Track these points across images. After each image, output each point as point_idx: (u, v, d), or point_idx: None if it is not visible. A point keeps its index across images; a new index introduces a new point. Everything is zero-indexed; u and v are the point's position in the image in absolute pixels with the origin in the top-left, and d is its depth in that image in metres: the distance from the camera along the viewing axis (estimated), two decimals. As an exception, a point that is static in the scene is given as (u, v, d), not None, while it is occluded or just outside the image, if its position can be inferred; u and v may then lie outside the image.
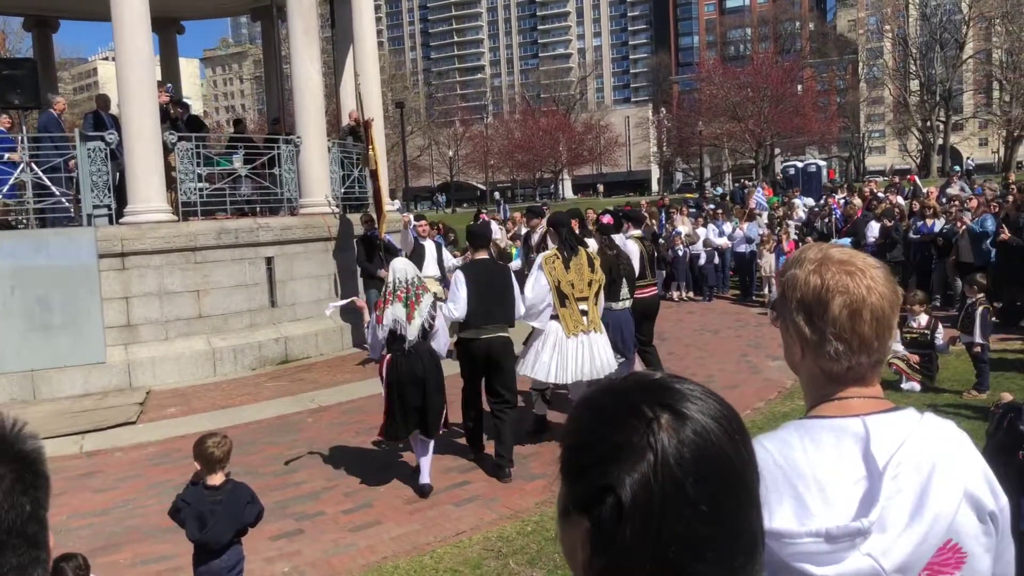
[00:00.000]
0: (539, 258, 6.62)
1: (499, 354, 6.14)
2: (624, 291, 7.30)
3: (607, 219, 7.85)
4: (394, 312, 5.54)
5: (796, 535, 1.18)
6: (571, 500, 0.84)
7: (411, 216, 10.30)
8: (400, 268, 5.70)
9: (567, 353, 6.36)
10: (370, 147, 11.21)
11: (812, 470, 1.23)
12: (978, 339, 7.52)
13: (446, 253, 10.31)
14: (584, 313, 6.46)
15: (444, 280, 9.74)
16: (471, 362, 6.22)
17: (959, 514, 1.21)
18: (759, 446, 1.29)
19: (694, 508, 0.78)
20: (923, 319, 8.02)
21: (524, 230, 12.60)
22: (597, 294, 6.61)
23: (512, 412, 6.25)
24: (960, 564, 1.23)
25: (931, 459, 1.21)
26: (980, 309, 7.57)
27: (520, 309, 6.31)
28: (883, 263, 1.34)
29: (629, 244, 7.93)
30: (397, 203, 10.98)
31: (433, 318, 5.72)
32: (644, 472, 0.78)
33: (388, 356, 5.66)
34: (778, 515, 1.21)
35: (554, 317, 6.47)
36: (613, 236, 7.70)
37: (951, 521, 1.20)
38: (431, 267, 9.88)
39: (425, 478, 5.81)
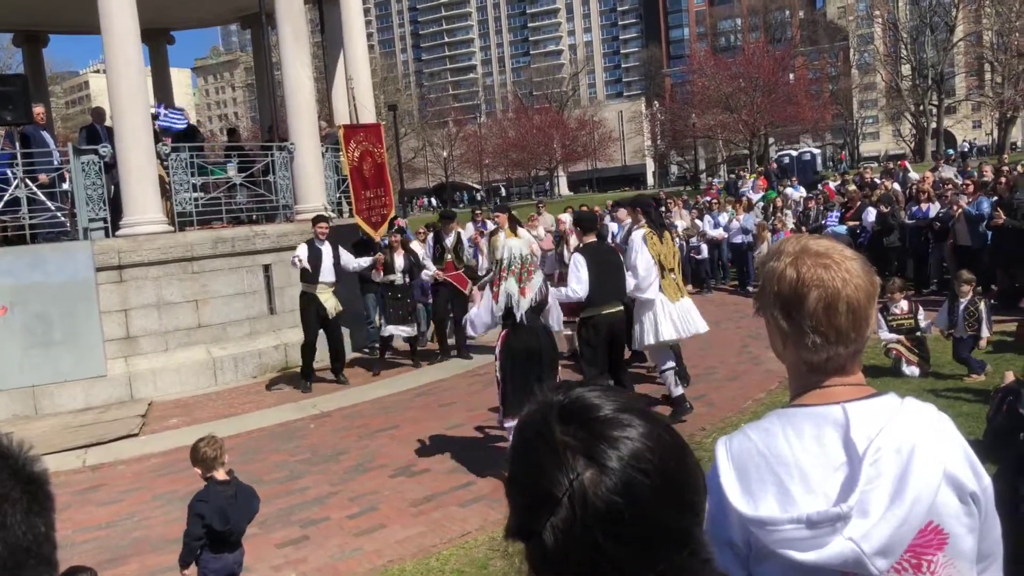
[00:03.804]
0: (638, 236, 7.04)
1: (620, 329, 6.71)
2: None
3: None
4: (507, 287, 5.84)
5: (779, 522, 1.21)
6: (508, 528, 0.90)
7: (297, 257, 9.16)
8: (515, 246, 6.03)
9: (680, 315, 7.01)
10: (343, 152, 11.30)
11: (794, 458, 1.25)
12: (985, 332, 7.60)
13: (343, 255, 9.39)
14: (676, 281, 7.21)
15: (337, 283, 9.35)
16: (596, 338, 6.51)
17: (939, 496, 1.22)
18: (744, 436, 1.32)
19: (606, 555, 0.83)
20: (904, 305, 8.12)
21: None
22: (679, 264, 7.43)
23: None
24: (942, 545, 1.25)
25: (911, 442, 1.23)
26: (982, 303, 7.63)
27: (630, 284, 6.80)
28: (860, 254, 1.35)
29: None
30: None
31: (545, 295, 6.01)
32: (564, 524, 0.83)
33: (504, 331, 5.90)
34: (762, 503, 1.24)
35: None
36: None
37: (931, 503, 1.21)
38: (327, 273, 9.15)
39: None
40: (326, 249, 9.20)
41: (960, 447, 1.29)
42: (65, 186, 10.25)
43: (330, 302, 9.22)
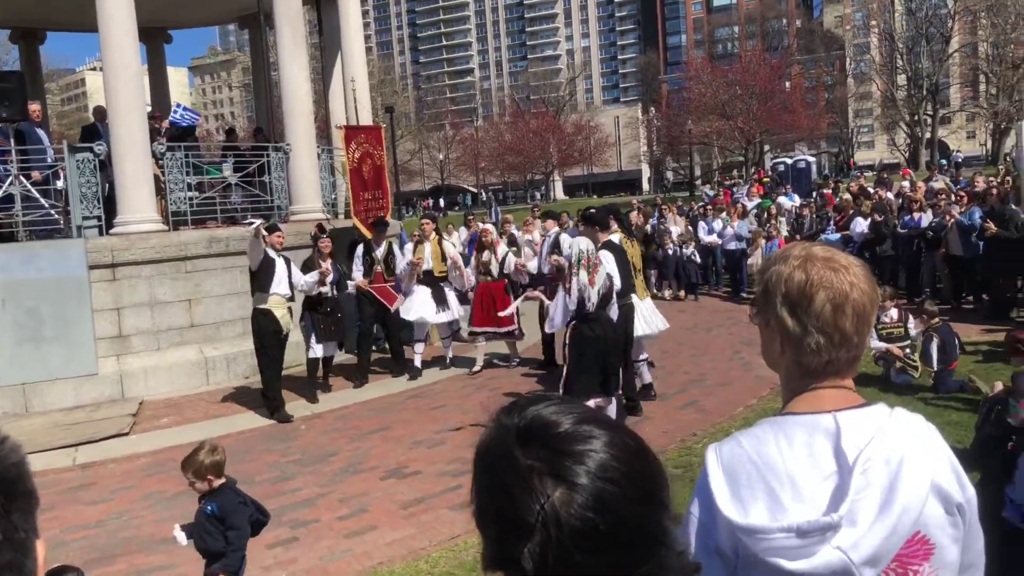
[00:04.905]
0: (617, 240, 7.60)
1: (633, 317, 7.36)
2: None
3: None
4: (579, 280, 6.31)
5: (768, 530, 1.21)
6: (485, 559, 0.89)
7: (260, 222, 8.24)
8: (581, 242, 6.51)
9: (647, 312, 7.77)
10: (343, 153, 11.31)
11: (785, 466, 1.26)
12: (934, 367, 7.57)
13: (295, 271, 8.37)
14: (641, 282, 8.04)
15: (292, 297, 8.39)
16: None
17: (927, 506, 1.23)
18: (735, 442, 1.32)
19: (586, 569, 0.83)
20: (894, 313, 8.13)
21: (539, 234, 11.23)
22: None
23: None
24: (928, 555, 1.25)
25: (900, 453, 1.23)
26: (935, 342, 7.54)
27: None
28: (863, 261, 1.37)
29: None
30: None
31: (609, 288, 6.48)
32: (541, 547, 0.82)
33: (573, 323, 6.40)
34: (752, 511, 1.24)
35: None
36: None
37: (919, 513, 1.22)
38: (282, 285, 8.16)
39: None
40: (280, 261, 8.22)
41: (947, 458, 1.30)
42: (60, 183, 10.24)
43: (284, 319, 8.17)
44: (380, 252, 9.71)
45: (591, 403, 6.35)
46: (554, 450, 0.85)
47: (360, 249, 9.73)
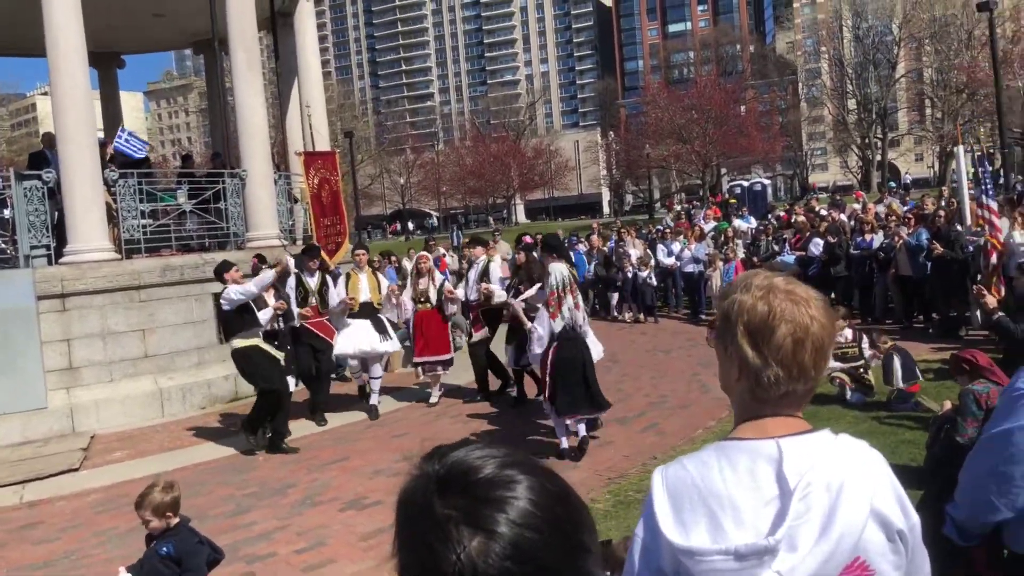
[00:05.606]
0: (564, 267, 7.62)
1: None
2: None
3: (528, 239, 9.09)
4: (568, 304, 6.81)
5: (707, 553, 1.23)
6: None
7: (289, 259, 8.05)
8: (560, 269, 6.89)
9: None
10: (304, 179, 11.23)
11: (727, 491, 1.27)
12: (901, 385, 7.57)
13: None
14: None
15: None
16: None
17: (866, 532, 1.25)
18: (680, 466, 1.34)
19: None
20: (848, 333, 8.28)
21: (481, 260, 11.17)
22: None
23: None
24: None
25: (840, 479, 1.25)
26: (896, 359, 7.62)
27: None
28: (822, 295, 1.39)
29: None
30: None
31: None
32: None
33: (555, 344, 6.78)
34: (693, 533, 1.26)
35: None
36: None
37: (857, 539, 1.24)
38: (260, 319, 7.79)
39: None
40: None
41: (890, 484, 1.32)
42: (6, 212, 10.00)
43: (279, 353, 7.92)
44: (314, 282, 8.92)
45: (584, 417, 6.92)
46: (473, 497, 0.84)
47: (292, 280, 8.82)
